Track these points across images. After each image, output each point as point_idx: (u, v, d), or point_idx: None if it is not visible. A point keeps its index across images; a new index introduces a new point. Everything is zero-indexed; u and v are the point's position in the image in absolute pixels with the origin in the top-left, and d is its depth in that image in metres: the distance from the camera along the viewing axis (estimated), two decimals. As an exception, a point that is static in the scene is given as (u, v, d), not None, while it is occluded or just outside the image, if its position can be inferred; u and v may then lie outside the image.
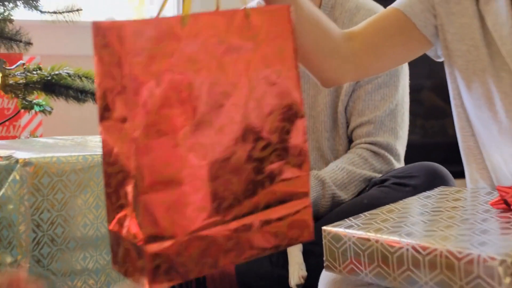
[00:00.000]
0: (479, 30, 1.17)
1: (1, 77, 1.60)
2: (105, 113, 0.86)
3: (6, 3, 1.61)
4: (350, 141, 1.81)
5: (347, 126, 1.80)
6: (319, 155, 1.82)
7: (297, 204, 1.00)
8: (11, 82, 1.65)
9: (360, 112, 1.77)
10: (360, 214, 1.10)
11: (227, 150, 0.92)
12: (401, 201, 1.15)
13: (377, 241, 0.99)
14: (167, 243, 0.86)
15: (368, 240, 1.01)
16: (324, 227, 1.09)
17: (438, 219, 1.04)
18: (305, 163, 1.00)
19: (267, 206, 0.97)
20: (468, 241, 0.94)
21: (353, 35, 1.25)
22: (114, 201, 0.88)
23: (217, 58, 0.89)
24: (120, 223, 0.88)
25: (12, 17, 1.65)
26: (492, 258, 0.88)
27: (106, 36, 0.84)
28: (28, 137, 1.99)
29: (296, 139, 0.99)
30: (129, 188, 0.86)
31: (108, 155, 0.87)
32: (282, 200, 0.99)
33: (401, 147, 1.80)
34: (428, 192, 1.21)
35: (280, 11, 0.97)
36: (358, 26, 1.27)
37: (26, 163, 1.45)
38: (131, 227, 0.87)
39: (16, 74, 1.69)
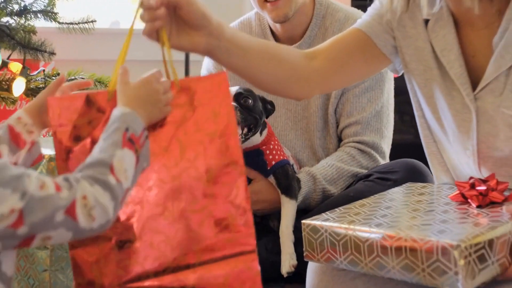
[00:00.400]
0: (431, 54, 1.32)
1: (25, 82, 1.77)
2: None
3: (28, 15, 1.78)
4: (339, 140, 1.97)
5: (337, 126, 1.96)
6: (312, 153, 1.98)
7: (243, 260, 1.03)
8: (32, 86, 1.83)
9: (349, 114, 1.93)
10: (336, 209, 1.24)
11: (157, 208, 1.00)
12: (372, 197, 1.30)
13: (350, 232, 1.13)
14: None
15: (342, 231, 1.14)
16: (303, 221, 1.21)
17: (405, 211, 1.19)
18: (249, 220, 1.03)
19: (207, 261, 1.01)
20: (429, 230, 1.09)
21: (316, 53, 1.36)
22: None
23: None
24: None
25: (35, 29, 1.82)
26: (449, 244, 1.03)
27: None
28: (45, 136, 2.15)
29: (237, 198, 1.02)
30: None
31: None
32: (225, 256, 1.02)
33: (386, 145, 1.96)
34: (397, 188, 1.36)
35: (214, 79, 1.06)
36: (322, 45, 1.38)
37: (51, 159, 1.64)
38: None
39: (37, 79, 1.86)
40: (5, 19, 1.70)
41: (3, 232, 0.83)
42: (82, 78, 1.91)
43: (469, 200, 1.18)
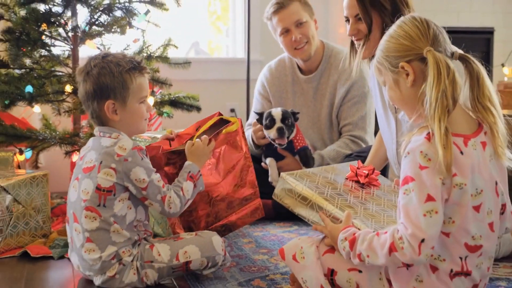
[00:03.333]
0: (380, 89, 2.41)
1: (153, 99, 2.97)
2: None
3: (152, 59, 2.97)
4: (340, 134, 3.10)
5: (338, 126, 3.10)
6: (323, 142, 3.11)
7: (254, 202, 2.29)
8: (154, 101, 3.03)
9: (344, 118, 3.06)
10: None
11: (221, 195, 2.23)
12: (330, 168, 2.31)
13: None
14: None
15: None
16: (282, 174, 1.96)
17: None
18: (256, 187, 2.25)
19: (241, 207, 2.27)
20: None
21: None
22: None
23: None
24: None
25: (159, 69, 3.01)
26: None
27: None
28: (157, 130, 3.36)
29: (251, 176, 2.23)
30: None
31: None
32: (247, 203, 2.26)
33: (369, 137, 3.06)
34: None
35: (231, 126, 2.24)
36: None
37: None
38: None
39: (157, 96, 3.06)
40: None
41: (156, 191, 1.92)
42: (182, 96, 3.10)
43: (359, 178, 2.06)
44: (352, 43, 2.39)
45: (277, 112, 2.83)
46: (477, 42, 4.58)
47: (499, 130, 1.66)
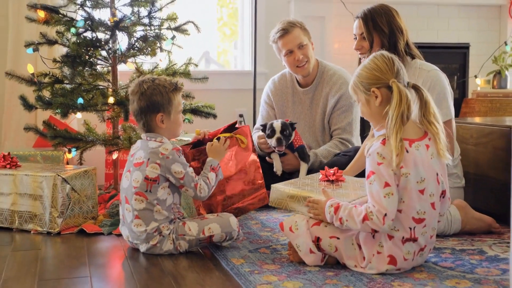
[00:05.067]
0: None
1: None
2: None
3: (176, 75, 3.61)
4: (331, 137, 3.74)
5: (329, 130, 3.73)
6: (316, 144, 3.75)
7: (261, 192, 2.94)
8: (178, 109, 3.67)
9: (334, 124, 3.69)
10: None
11: (234, 185, 2.88)
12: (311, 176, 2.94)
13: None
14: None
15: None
16: (272, 185, 2.57)
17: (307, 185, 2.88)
18: (262, 179, 2.92)
19: (250, 195, 2.92)
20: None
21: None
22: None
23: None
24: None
25: (183, 84, 3.65)
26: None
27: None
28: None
29: (258, 174, 2.90)
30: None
31: None
32: (255, 192, 2.92)
33: (355, 140, 3.69)
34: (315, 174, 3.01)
35: (242, 132, 2.92)
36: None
37: (191, 144, 3.49)
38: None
39: (181, 106, 3.71)
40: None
41: (190, 180, 2.57)
42: (201, 105, 3.74)
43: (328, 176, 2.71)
44: (360, 60, 3.06)
45: (277, 124, 3.45)
46: (454, 56, 5.17)
47: (440, 138, 2.31)
